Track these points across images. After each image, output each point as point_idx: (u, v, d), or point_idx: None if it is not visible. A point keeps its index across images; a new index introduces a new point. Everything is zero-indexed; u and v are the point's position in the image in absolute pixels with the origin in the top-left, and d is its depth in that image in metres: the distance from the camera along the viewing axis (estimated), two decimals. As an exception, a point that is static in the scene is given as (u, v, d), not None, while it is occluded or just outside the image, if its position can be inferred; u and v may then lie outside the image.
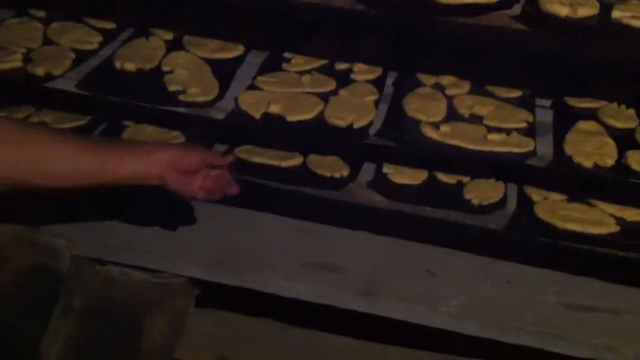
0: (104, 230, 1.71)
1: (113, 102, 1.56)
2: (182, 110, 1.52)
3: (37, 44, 1.66)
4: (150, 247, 1.65)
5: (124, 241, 1.66)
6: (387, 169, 1.54)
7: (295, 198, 1.58)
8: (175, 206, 1.64)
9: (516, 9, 1.21)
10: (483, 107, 1.47)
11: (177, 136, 1.67)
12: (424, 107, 1.48)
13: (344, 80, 1.59)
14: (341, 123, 1.45)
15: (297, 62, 1.65)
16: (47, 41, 1.68)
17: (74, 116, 1.72)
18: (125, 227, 1.70)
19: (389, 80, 1.61)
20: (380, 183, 1.52)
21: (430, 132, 1.39)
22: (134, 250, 1.66)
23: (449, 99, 1.52)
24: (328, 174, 1.54)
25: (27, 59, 1.61)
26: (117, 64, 1.60)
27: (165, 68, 1.61)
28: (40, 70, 1.56)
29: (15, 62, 1.59)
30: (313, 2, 1.34)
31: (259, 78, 1.58)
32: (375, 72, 1.61)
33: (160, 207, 1.63)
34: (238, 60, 1.66)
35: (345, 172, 1.54)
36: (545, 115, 1.50)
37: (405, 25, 1.49)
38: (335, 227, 1.67)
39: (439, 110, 1.47)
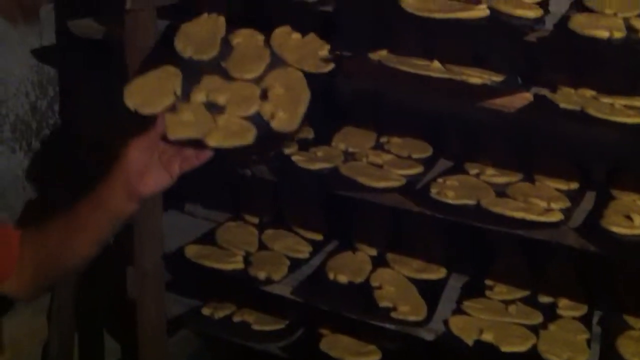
0: None
1: (325, 311, 1.59)
2: (393, 327, 1.53)
3: (253, 248, 1.74)
4: None
5: None
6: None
7: None
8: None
9: None
10: None
11: (373, 350, 1.67)
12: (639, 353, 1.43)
13: (549, 314, 1.57)
14: None
15: (500, 291, 1.64)
16: (262, 246, 1.76)
17: (274, 319, 1.77)
18: None
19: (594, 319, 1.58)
20: None
21: (655, 381, 1.34)
22: None
23: (664, 346, 1.47)
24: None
25: (246, 261, 1.69)
26: (330, 275, 1.64)
27: (374, 283, 1.63)
28: (262, 274, 1.61)
29: (237, 263, 1.66)
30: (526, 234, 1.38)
31: (466, 303, 1.58)
32: (581, 309, 1.58)
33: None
34: (442, 282, 1.68)
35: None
36: None
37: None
38: None
39: (657, 358, 1.42)
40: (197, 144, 1.36)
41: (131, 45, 1.55)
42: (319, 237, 1.79)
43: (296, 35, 1.56)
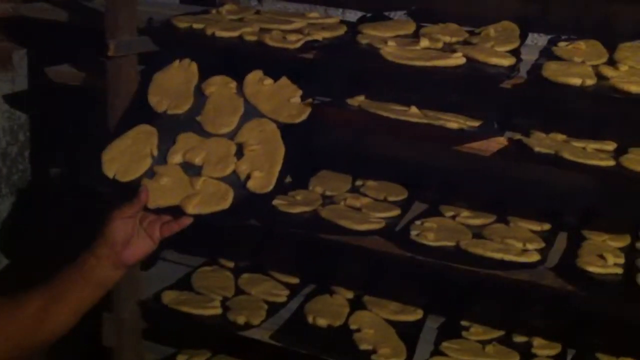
0: None
1: (305, 355, 1.62)
2: (373, 370, 1.57)
3: (230, 292, 1.76)
4: None
5: None
6: None
7: None
8: None
9: None
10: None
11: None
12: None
13: (525, 353, 1.63)
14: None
15: (476, 331, 1.69)
16: (238, 290, 1.78)
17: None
18: None
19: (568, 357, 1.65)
20: None
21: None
22: None
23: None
24: None
25: (224, 306, 1.70)
26: (309, 319, 1.66)
27: (353, 326, 1.66)
28: (241, 319, 1.63)
29: (215, 309, 1.67)
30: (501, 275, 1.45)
31: (444, 344, 1.63)
32: (555, 348, 1.64)
33: None
34: (419, 324, 1.72)
35: None
36: None
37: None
38: None
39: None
40: (177, 210, 1.41)
41: (113, 92, 1.59)
42: (295, 280, 1.83)
43: (268, 81, 1.62)
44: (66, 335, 1.36)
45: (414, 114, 1.45)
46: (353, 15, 1.77)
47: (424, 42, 1.45)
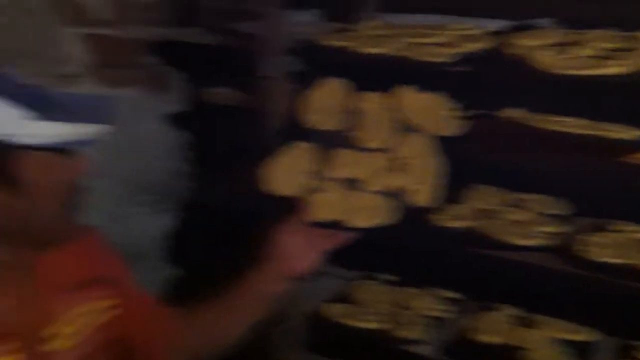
0: None
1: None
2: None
3: (390, 306, 1.77)
4: None
5: None
6: None
7: None
8: None
9: None
10: None
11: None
12: None
13: None
14: None
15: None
16: (399, 304, 1.79)
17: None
18: None
19: None
20: None
21: None
22: None
23: None
24: None
25: (386, 320, 1.72)
26: (473, 335, 1.64)
27: (520, 344, 1.61)
28: (403, 334, 1.65)
29: (377, 322, 1.70)
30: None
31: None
32: None
33: None
34: (590, 344, 1.64)
35: None
36: None
37: None
38: None
39: None
40: (338, 224, 1.43)
41: (267, 111, 1.65)
42: (456, 295, 1.82)
43: (422, 96, 1.60)
44: (233, 347, 1.43)
45: (572, 124, 1.39)
46: (496, 26, 1.70)
47: (578, 50, 1.38)
